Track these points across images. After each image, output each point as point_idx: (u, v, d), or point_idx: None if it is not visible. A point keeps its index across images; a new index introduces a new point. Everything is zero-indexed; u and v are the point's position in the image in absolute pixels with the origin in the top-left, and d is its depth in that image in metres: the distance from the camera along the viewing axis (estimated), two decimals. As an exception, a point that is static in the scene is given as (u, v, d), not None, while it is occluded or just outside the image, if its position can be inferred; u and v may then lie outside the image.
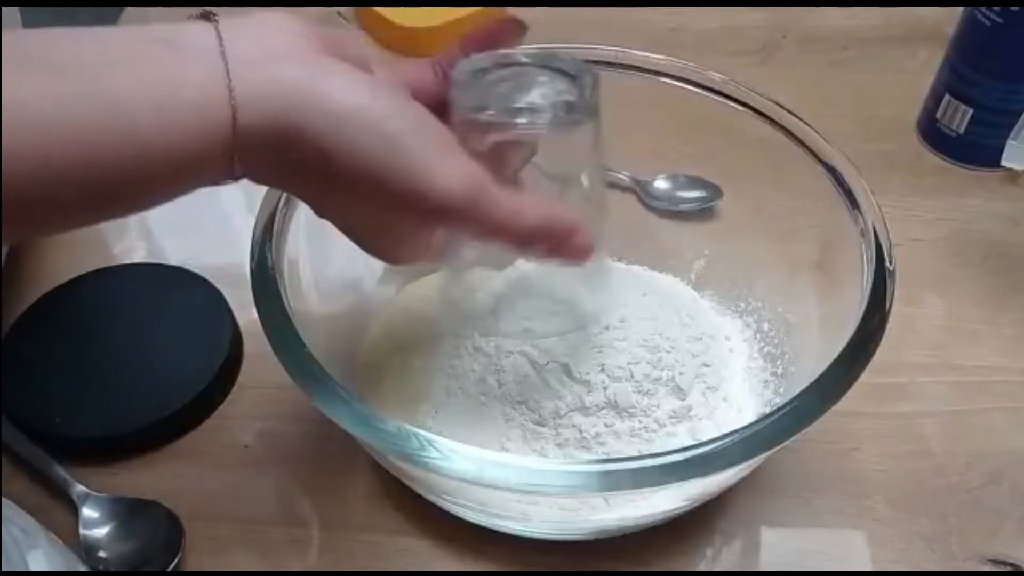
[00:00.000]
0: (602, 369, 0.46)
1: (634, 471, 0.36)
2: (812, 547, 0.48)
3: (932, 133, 0.68)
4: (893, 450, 0.51)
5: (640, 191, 0.61)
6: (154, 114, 0.30)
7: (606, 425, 0.46)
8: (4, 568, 0.37)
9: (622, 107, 0.39)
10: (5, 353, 0.55)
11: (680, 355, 0.47)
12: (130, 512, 0.49)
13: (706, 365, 0.48)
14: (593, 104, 0.37)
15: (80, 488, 0.49)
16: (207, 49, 0.31)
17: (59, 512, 0.49)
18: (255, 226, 0.45)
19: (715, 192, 0.59)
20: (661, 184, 0.61)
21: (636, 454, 0.43)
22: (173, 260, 0.61)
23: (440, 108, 0.37)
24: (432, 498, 0.46)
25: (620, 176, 0.61)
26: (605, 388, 0.46)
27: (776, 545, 0.48)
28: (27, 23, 0.58)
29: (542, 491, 0.37)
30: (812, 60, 0.76)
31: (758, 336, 0.53)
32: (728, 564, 0.47)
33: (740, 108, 0.51)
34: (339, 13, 0.82)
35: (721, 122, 0.51)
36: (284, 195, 0.46)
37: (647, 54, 0.52)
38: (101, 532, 0.48)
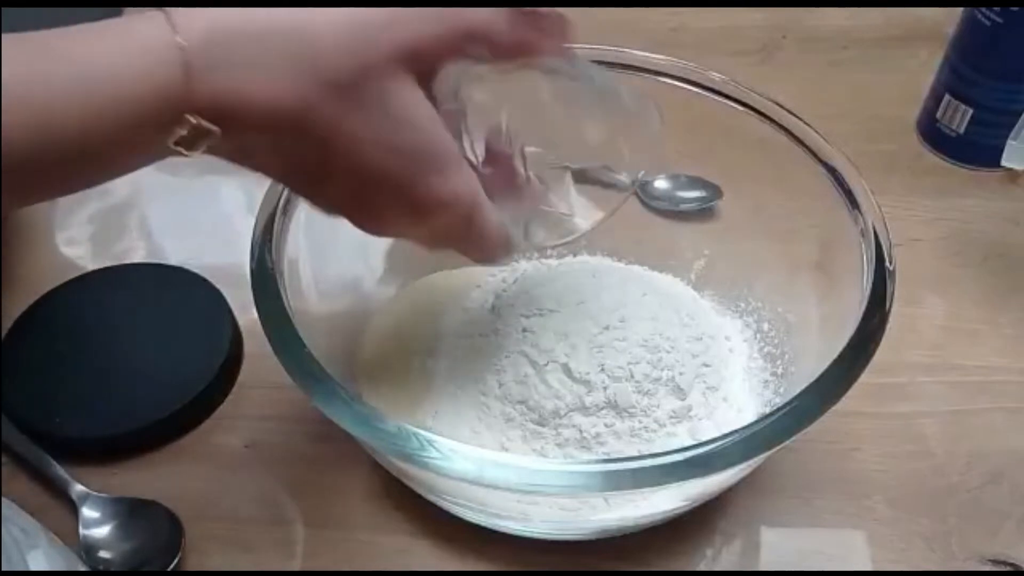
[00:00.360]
0: (602, 369, 0.46)
1: (634, 471, 0.36)
2: (812, 547, 0.48)
3: (932, 133, 0.68)
4: (893, 450, 0.51)
5: (640, 191, 0.61)
6: (102, 70, 0.29)
7: (606, 425, 0.46)
8: (4, 568, 0.37)
9: (622, 107, 0.39)
10: (5, 353, 0.55)
11: (680, 355, 0.47)
12: (130, 512, 0.49)
13: (706, 365, 0.48)
14: None
15: (80, 488, 0.49)
16: (154, 16, 0.31)
17: (59, 512, 0.49)
18: (255, 226, 0.45)
19: (715, 192, 0.59)
20: (661, 184, 0.61)
21: (636, 454, 0.43)
22: (173, 260, 0.61)
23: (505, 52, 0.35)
24: (432, 498, 0.46)
25: (620, 176, 0.61)
26: (605, 388, 0.46)
27: (776, 545, 0.48)
28: (25, 23, 0.58)
29: (542, 491, 0.37)
30: (812, 60, 0.76)
31: (758, 336, 0.53)
32: (728, 564, 0.47)
33: (740, 108, 0.51)
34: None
35: (721, 122, 0.51)
36: (284, 195, 0.46)
37: (647, 54, 0.52)
38: (101, 532, 0.48)
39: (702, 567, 0.47)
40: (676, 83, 0.52)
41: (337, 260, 0.51)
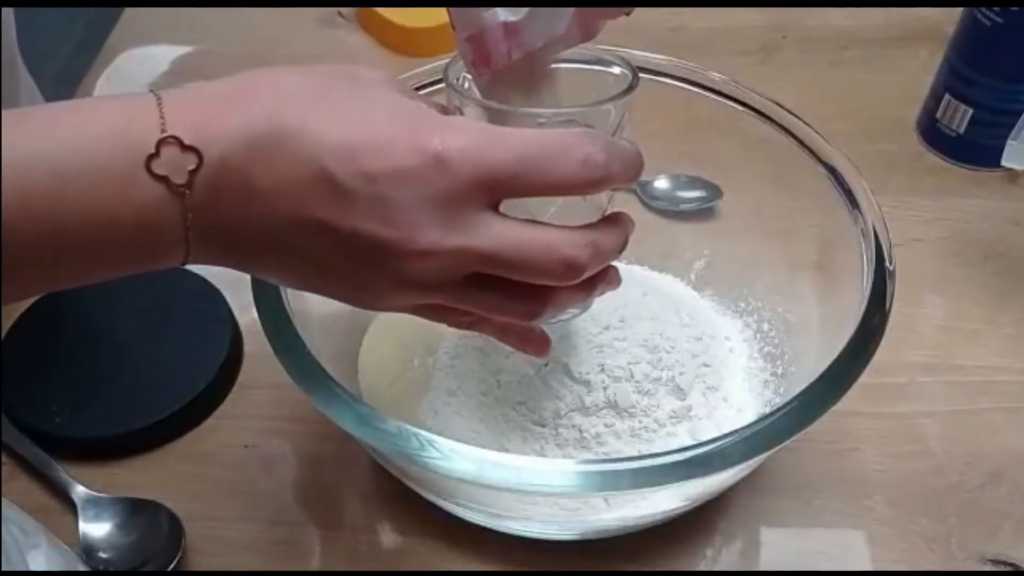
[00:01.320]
0: (602, 369, 0.46)
1: (634, 471, 0.36)
2: (812, 547, 0.48)
3: (932, 133, 0.68)
4: (893, 450, 0.51)
5: (640, 191, 0.61)
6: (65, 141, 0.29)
7: (606, 425, 0.46)
8: (4, 568, 0.37)
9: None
10: (5, 353, 0.55)
11: (680, 355, 0.47)
12: (130, 512, 0.49)
13: (706, 365, 0.48)
14: None
15: (80, 488, 0.49)
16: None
17: (59, 512, 0.49)
18: (255, 226, 0.45)
19: (715, 192, 0.59)
20: (661, 184, 0.61)
21: (636, 454, 0.44)
22: (173, 260, 0.61)
23: None
24: (432, 498, 0.46)
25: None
26: (605, 388, 0.46)
27: (776, 545, 0.48)
28: (27, 23, 0.58)
29: (542, 491, 0.37)
30: (812, 60, 0.76)
31: (758, 336, 0.53)
32: (728, 564, 0.47)
33: (740, 108, 0.51)
34: (339, 13, 0.82)
35: (721, 122, 0.51)
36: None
37: (647, 54, 0.52)
38: (101, 532, 0.48)
39: (702, 567, 0.47)
40: (676, 83, 0.52)
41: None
